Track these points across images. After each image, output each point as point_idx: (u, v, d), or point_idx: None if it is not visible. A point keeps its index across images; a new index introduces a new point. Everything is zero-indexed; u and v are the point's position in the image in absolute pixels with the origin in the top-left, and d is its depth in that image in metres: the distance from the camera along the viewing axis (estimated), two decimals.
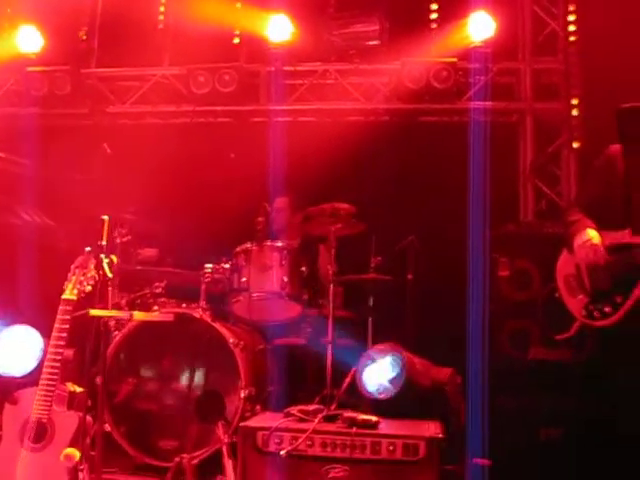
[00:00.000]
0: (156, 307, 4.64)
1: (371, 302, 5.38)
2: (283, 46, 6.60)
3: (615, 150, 3.55)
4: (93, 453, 3.80)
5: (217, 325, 4.44)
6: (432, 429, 3.18)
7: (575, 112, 6.20)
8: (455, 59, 6.22)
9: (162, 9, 7.07)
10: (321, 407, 3.45)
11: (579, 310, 3.70)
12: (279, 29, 6.56)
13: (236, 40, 6.87)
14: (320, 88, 6.80)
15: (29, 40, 6.72)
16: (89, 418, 3.75)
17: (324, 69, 6.72)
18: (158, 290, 4.95)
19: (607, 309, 3.56)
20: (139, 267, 5.17)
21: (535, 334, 5.07)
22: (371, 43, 6.50)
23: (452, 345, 4.84)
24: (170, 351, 4.51)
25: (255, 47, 6.75)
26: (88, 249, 4.07)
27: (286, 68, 6.68)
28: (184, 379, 4.46)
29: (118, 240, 5.00)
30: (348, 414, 3.33)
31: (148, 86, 6.94)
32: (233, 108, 6.75)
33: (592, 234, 3.61)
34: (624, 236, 3.49)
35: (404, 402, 3.71)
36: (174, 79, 6.86)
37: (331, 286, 4.80)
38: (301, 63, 6.72)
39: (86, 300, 4.13)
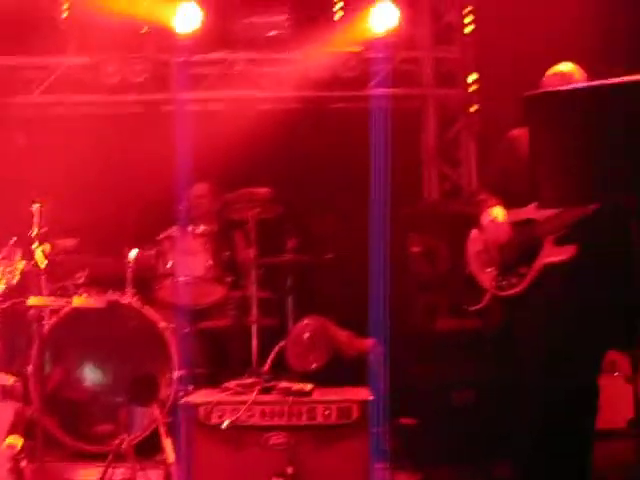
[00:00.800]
0: (85, 295, 4.70)
1: (290, 282, 5.60)
2: (192, 35, 6.68)
3: (515, 134, 3.91)
4: (29, 443, 3.87)
5: (146, 310, 4.56)
6: (362, 393, 3.44)
7: (473, 98, 6.60)
8: (360, 48, 6.52)
9: None
10: (257, 380, 3.65)
11: (489, 282, 4.03)
12: (188, 18, 6.62)
13: (144, 29, 6.89)
14: (229, 77, 6.95)
15: None
16: (23, 407, 3.84)
17: (233, 58, 6.87)
18: (81, 280, 4.99)
19: (514, 280, 3.91)
20: (61, 257, 5.19)
21: (444, 306, 5.44)
22: (279, 32, 6.70)
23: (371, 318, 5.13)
24: (100, 338, 4.61)
25: (164, 36, 6.79)
26: (12, 240, 4.12)
27: (195, 57, 6.79)
28: (115, 364, 4.56)
29: (35, 232, 5.01)
30: (283, 384, 3.56)
31: (55, 76, 6.88)
32: (144, 97, 6.80)
33: (497, 212, 3.95)
34: (528, 212, 3.84)
35: (331, 372, 3.96)
36: (82, 69, 6.83)
37: (253, 268, 5.01)
38: (210, 52, 6.84)
39: (14, 291, 4.20)
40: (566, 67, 3.84)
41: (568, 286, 3.79)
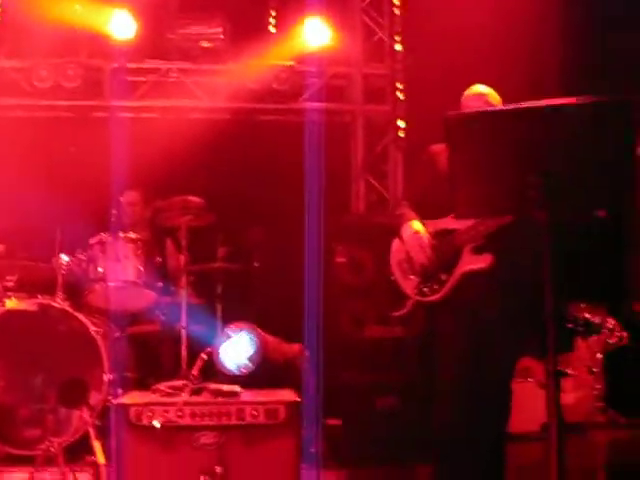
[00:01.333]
0: (13, 299, 4.71)
1: (220, 289, 5.71)
2: (127, 43, 6.74)
3: (436, 149, 4.13)
4: None
5: (77, 314, 4.61)
6: (289, 395, 3.58)
7: (400, 113, 6.85)
8: (293, 62, 6.70)
9: None
10: (187, 382, 3.75)
11: (412, 290, 4.22)
12: (122, 26, 6.68)
13: (79, 35, 6.89)
14: (163, 86, 7.02)
15: None
16: None
17: (167, 67, 6.95)
18: (10, 284, 4.99)
19: (435, 286, 4.12)
20: None
21: (370, 315, 5.64)
22: (213, 44, 6.82)
23: (297, 325, 5.29)
24: (30, 342, 4.61)
25: (98, 43, 6.83)
26: None
27: (129, 65, 6.84)
28: (45, 369, 4.57)
29: None
30: (213, 386, 3.67)
31: None
32: (76, 103, 6.81)
33: (416, 226, 4.16)
34: (447, 223, 4.07)
35: (260, 376, 4.09)
36: (14, 72, 6.79)
37: (183, 275, 5.11)
38: (144, 60, 6.91)
39: None
40: (482, 89, 4.12)
41: (485, 293, 4.02)
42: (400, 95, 6.91)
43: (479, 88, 4.15)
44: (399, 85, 6.92)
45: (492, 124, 2.74)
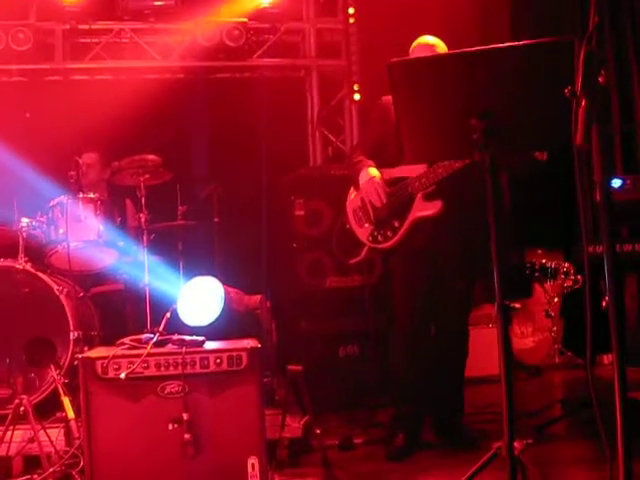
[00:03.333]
0: None
1: (180, 246, 5.78)
2: (78, 4, 6.69)
3: (386, 100, 4.22)
4: None
5: (41, 274, 4.66)
6: (251, 343, 3.69)
7: (354, 68, 6.91)
8: (246, 19, 6.71)
9: None
10: (151, 335, 3.83)
11: (366, 237, 4.35)
12: None
13: None
14: (116, 47, 7.00)
15: None
16: None
17: (120, 28, 6.92)
18: None
19: (389, 233, 4.25)
20: None
21: (330, 265, 5.78)
22: (165, 3, 6.78)
23: (258, 277, 5.42)
24: None
25: (48, 4, 6.77)
26: None
27: (81, 27, 6.80)
28: (10, 330, 4.63)
29: None
30: (177, 337, 3.76)
31: None
32: (28, 67, 6.76)
33: (372, 172, 4.28)
34: (400, 171, 4.19)
35: (222, 327, 4.19)
36: None
37: (144, 233, 5.17)
38: (96, 22, 6.87)
39: None
40: (430, 39, 4.21)
41: (437, 238, 4.17)
42: (354, 49, 6.95)
43: (427, 39, 4.25)
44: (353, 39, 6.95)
45: (434, 70, 2.84)
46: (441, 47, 4.18)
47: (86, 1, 6.66)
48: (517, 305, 6.43)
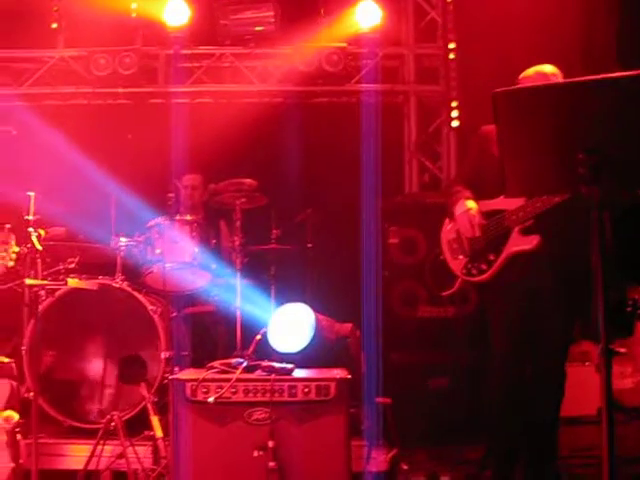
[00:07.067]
0: (76, 279, 4.87)
1: (273, 270, 5.80)
2: (181, 30, 6.87)
3: (486, 130, 4.11)
4: (22, 420, 4.04)
5: (136, 294, 4.75)
6: (340, 373, 3.64)
7: (453, 94, 6.81)
8: (345, 44, 6.72)
9: None
10: (241, 360, 3.83)
11: (460, 269, 4.23)
12: (176, 13, 6.81)
13: (134, 23, 7.05)
14: (217, 71, 7.14)
15: None
16: (18, 385, 4.02)
17: (220, 53, 7.06)
18: (72, 265, 5.16)
19: (483, 266, 4.11)
20: (52, 243, 5.34)
21: (422, 294, 5.66)
22: (265, 28, 6.88)
23: (349, 306, 5.35)
24: (91, 321, 4.79)
25: (153, 30, 6.98)
26: (8, 226, 4.30)
27: (184, 51, 6.97)
28: (105, 347, 4.74)
29: (26, 219, 5.17)
30: (266, 363, 3.75)
31: (46, 67, 7.03)
32: (133, 90, 6.97)
33: (469, 204, 4.16)
34: (497, 203, 4.06)
35: (312, 354, 4.16)
36: (73, 61, 6.99)
37: (237, 256, 5.21)
38: (198, 47, 7.04)
39: (8, 275, 4.37)
40: (548, 68, 4.03)
41: (534, 274, 4.00)
42: (453, 75, 6.85)
43: (544, 67, 4.06)
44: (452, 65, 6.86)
45: (540, 100, 2.71)
46: (559, 77, 4.00)
47: (189, 27, 6.83)
48: (622, 350, 6.13)
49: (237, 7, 6.91)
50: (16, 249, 4.21)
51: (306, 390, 3.55)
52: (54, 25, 6.98)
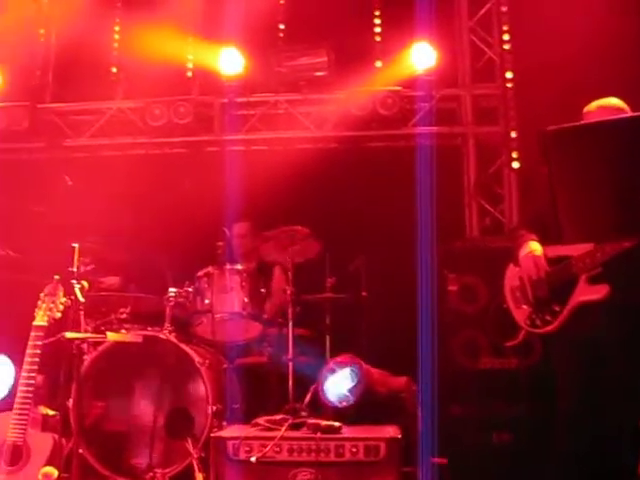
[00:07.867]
0: (123, 331, 4.80)
1: (328, 320, 5.61)
2: (235, 78, 6.89)
3: None
4: (65, 475, 3.95)
5: (183, 346, 4.64)
6: (391, 432, 3.42)
7: (513, 134, 6.58)
8: (399, 87, 6.59)
9: (116, 45, 7.30)
10: (286, 417, 3.66)
11: (524, 319, 3.98)
12: (230, 62, 6.85)
13: (189, 73, 7.12)
14: (271, 118, 7.11)
15: None
16: (63, 440, 3.92)
17: (275, 100, 7.03)
18: (123, 316, 5.12)
19: (548, 317, 3.85)
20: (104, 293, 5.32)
21: (484, 344, 5.37)
22: (319, 74, 6.83)
23: (406, 356, 5.11)
24: (138, 373, 4.69)
25: (208, 79, 7.03)
26: (57, 277, 4.26)
27: (239, 99, 6.97)
28: (152, 399, 4.62)
29: (82, 269, 5.16)
30: (312, 421, 3.56)
31: (105, 119, 7.14)
32: (188, 139, 7.01)
33: (534, 247, 3.92)
34: (563, 249, 3.80)
35: (364, 409, 3.95)
36: (130, 112, 7.08)
37: (291, 306, 5.05)
38: (253, 94, 7.04)
39: (56, 327, 4.32)
40: (614, 101, 3.80)
41: (603, 325, 3.71)
42: (512, 115, 6.63)
43: (610, 100, 3.84)
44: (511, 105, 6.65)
45: (593, 138, 2.50)
46: (627, 110, 3.76)
47: (243, 74, 6.84)
48: None
49: (291, 54, 6.91)
50: (63, 300, 4.16)
51: (354, 450, 3.35)
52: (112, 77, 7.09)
